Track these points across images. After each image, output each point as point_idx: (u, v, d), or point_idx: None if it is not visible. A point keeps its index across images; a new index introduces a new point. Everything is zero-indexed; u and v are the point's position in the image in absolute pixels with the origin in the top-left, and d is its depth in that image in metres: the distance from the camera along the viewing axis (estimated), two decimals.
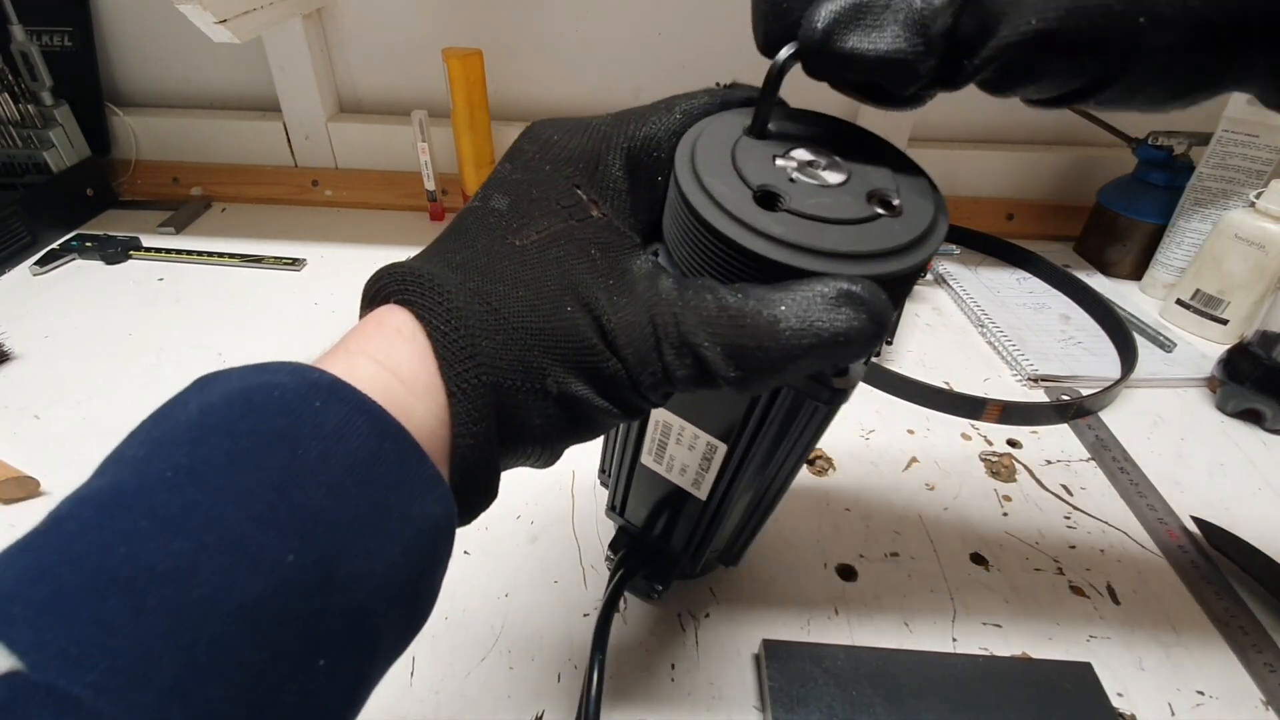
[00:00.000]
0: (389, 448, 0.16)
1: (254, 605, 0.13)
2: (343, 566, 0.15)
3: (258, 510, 0.14)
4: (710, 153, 0.20)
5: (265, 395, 0.16)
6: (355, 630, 0.15)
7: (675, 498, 0.32)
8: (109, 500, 0.14)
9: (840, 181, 0.20)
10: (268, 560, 0.14)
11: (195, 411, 0.16)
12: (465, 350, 0.18)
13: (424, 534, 0.17)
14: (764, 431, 0.25)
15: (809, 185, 0.19)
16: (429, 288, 0.18)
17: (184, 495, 0.14)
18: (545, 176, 0.21)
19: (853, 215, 0.19)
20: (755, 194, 0.19)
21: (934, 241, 0.20)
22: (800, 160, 0.20)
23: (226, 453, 0.15)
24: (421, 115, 0.70)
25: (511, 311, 0.19)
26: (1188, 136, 0.66)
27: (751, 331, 0.18)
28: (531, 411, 0.19)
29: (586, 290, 0.19)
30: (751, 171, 0.19)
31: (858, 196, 0.19)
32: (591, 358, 0.19)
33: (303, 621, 0.14)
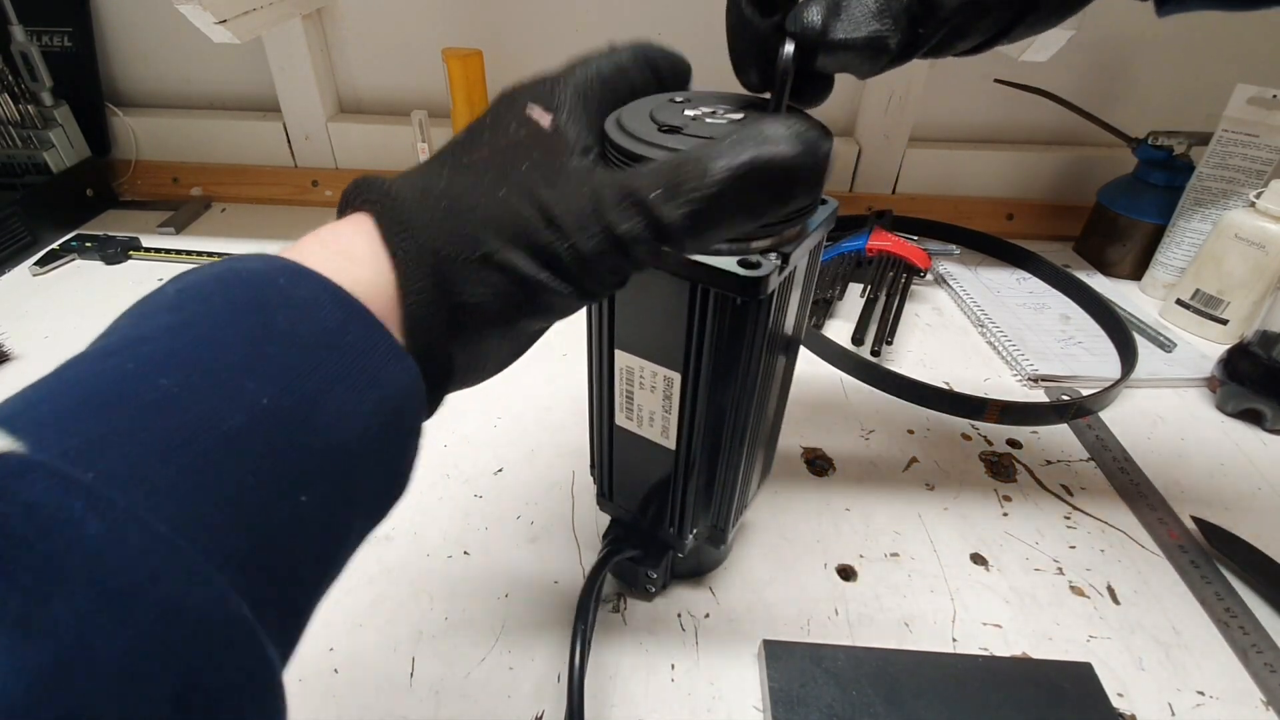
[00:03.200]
0: (353, 322, 0.18)
1: (236, 434, 0.14)
2: (318, 415, 0.16)
3: (234, 359, 0.15)
4: (633, 112, 0.25)
5: (235, 275, 0.17)
6: (333, 471, 0.16)
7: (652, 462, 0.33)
8: (97, 353, 0.15)
9: (733, 120, 0.24)
10: (246, 399, 0.15)
11: (171, 291, 0.17)
12: (403, 223, 0.19)
13: (392, 398, 0.18)
14: (703, 345, 0.27)
15: (705, 123, 0.24)
16: (374, 185, 0.20)
17: (164, 344, 0.15)
18: (504, 109, 0.23)
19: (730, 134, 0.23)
20: (660, 127, 0.24)
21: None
22: (703, 111, 0.25)
23: (204, 315, 0.16)
24: (421, 115, 0.70)
25: (449, 197, 0.20)
26: (1188, 136, 0.66)
27: (692, 169, 0.19)
28: (472, 280, 0.20)
29: (523, 180, 0.21)
30: (661, 117, 0.24)
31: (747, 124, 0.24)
32: (527, 230, 0.20)
33: (283, 454, 0.15)
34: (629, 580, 0.38)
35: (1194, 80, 0.76)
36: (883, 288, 0.63)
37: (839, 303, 0.65)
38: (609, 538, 0.37)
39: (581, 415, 0.50)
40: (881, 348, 0.57)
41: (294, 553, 0.16)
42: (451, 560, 0.40)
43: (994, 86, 0.72)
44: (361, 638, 0.36)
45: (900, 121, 0.76)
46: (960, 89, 0.78)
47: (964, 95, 0.78)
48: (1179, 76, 0.76)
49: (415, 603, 0.38)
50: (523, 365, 0.59)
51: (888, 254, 0.66)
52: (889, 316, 0.60)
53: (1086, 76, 0.76)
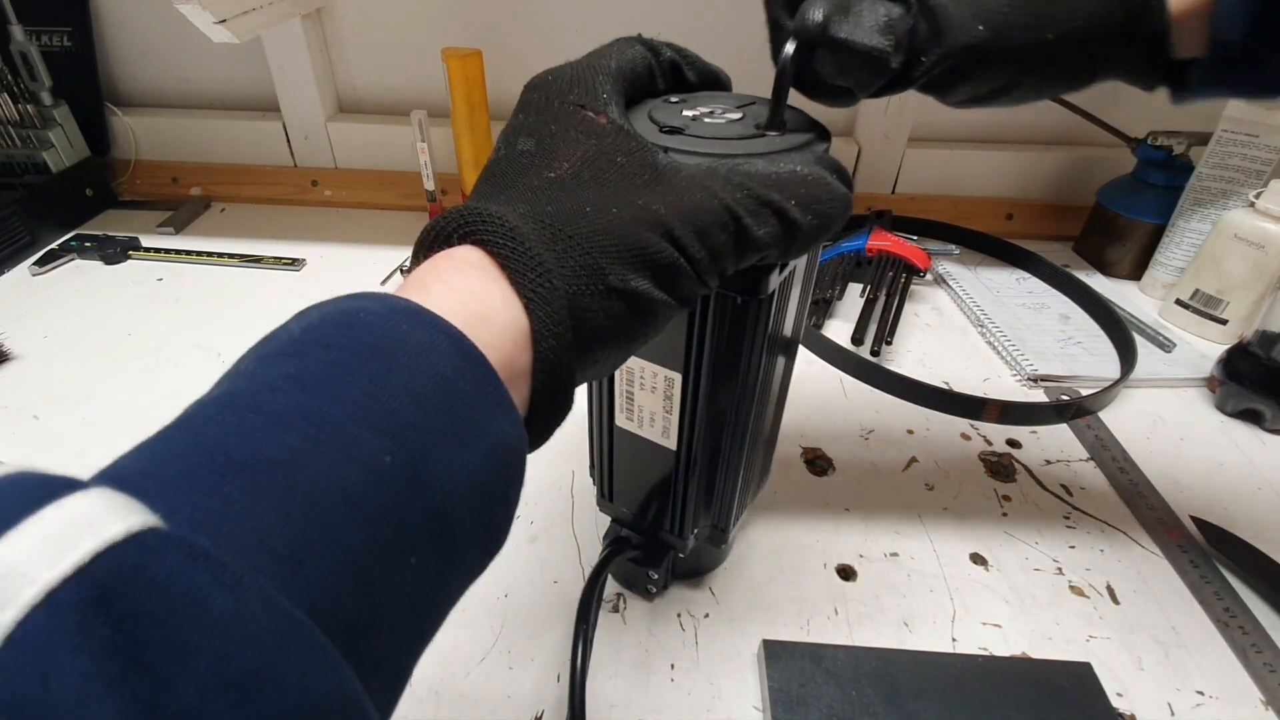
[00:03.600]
0: (467, 368, 0.17)
1: (356, 494, 0.14)
2: (428, 470, 0.16)
3: (356, 412, 0.15)
4: (632, 114, 0.26)
5: (357, 317, 0.17)
6: (439, 531, 0.16)
7: (652, 463, 0.33)
8: (224, 401, 0.15)
9: (732, 121, 0.25)
10: (367, 456, 0.15)
11: (296, 330, 0.17)
12: (532, 263, 0.19)
13: (499, 450, 0.18)
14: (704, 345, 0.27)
15: (705, 123, 0.25)
16: (487, 219, 0.20)
17: (290, 398, 0.15)
18: (555, 110, 0.23)
19: (737, 134, 0.24)
20: (661, 128, 0.24)
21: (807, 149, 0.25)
22: (701, 111, 0.26)
23: (326, 362, 0.16)
24: (421, 115, 0.70)
25: (565, 224, 0.20)
26: (1187, 136, 0.66)
27: (820, 187, 0.21)
28: (599, 312, 0.20)
29: (625, 193, 0.21)
30: (661, 118, 0.25)
31: (745, 125, 0.25)
32: (646, 250, 0.20)
33: (396, 516, 0.15)
34: (629, 581, 0.38)
35: None
36: (882, 288, 0.63)
37: (838, 303, 0.65)
38: (610, 539, 0.37)
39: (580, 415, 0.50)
40: (881, 348, 0.57)
41: (401, 616, 0.15)
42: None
43: None
44: None
45: (900, 121, 0.76)
46: None
47: None
48: None
49: None
50: None
51: (887, 254, 0.66)
52: (889, 316, 0.60)
53: None
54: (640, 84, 0.26)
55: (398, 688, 0.16)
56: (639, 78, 0.26)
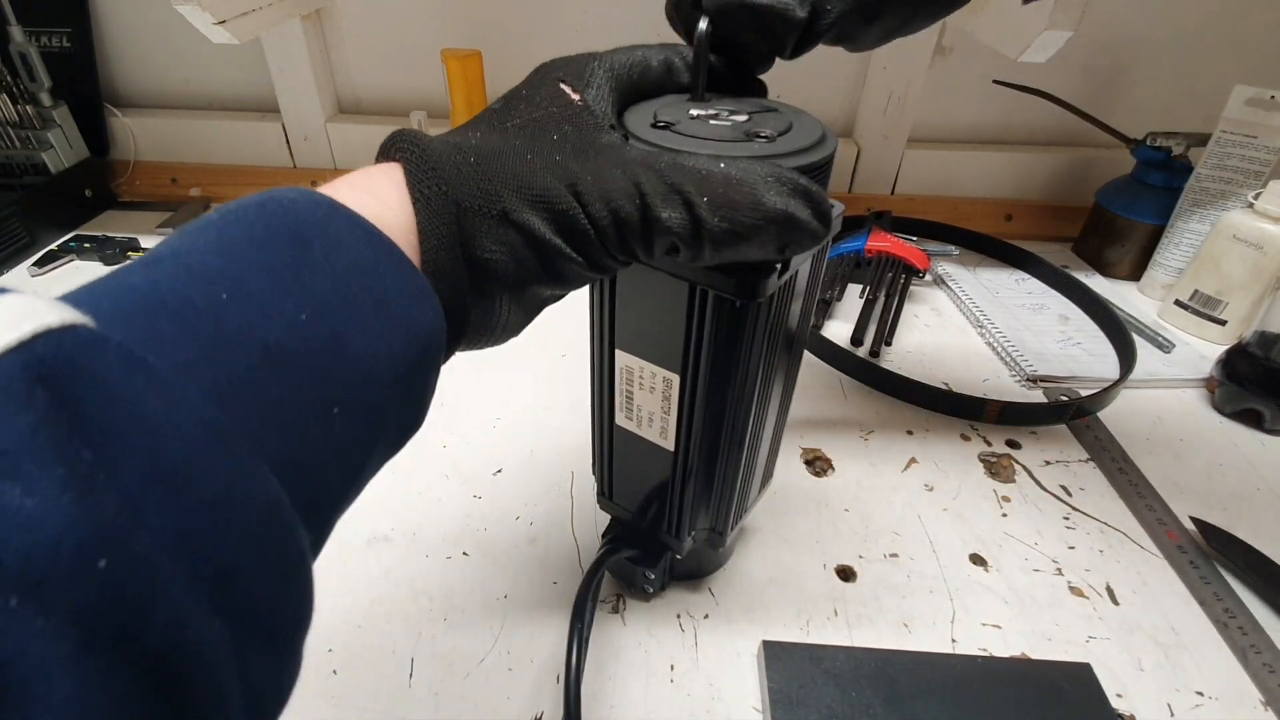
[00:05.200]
0: (384, 259, 0.18)
1: (276, 346, 0.15)
2: (350, 343, 0.17)
3: (274, 281, 0.16)
4: (642, 108, 0.26)
5: (276, 204, 0.18)
6: (361, 394, 0.17)
7: (651, 463, 0.33)
8: (149, 260, 0.16)
9: (731, 124, 0.25)
10: (286, 316, 0.16)
11: (215, 216, 0.18)
12: (429, 169, 0.20)
13: (419, 335, 0.19)
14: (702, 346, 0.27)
15: (701, 124, 0.25)
16: (410, 136, 0.21)
17: (211, 260, 0.16)
18: (537, 82, 0.24)
19: (723, 137, 0.24)
20: (653, 122, 0.25)
21: (826, 127, 0.26)
22: (707, 112, 0.25)
23: (246, 237, 0.17)
24: (420, 116, 0.70)
25: (480, 156, 0.21)
26: (1186, 137, 0.67)
27: (745, 194, 0.21)
28: (488, 235, 0.20)
29: (551, 151, 0.22)
30: (663, 114, 0.25)
31: (738, 129, 0.25)
32: (546, 194, 0.21)
33: (319, 373, 0.16)
34: (628, 581, 0.38)
35: (1192, 81, 0.76)
36: (882, 288, 0.63)
37: (838, 303, 0.65)
38: (608, 537, 0.37)
39: (581, 415, 0.50)
40: (880, 348, 0.57)
41: (324, 467, 0.16)
42: (450, 561, 0.40)
43: (992, 87, 0.72)
44: (360, 639, 0.36)
45: (899, 122, 0.76)
46: (959, 90, 0.78)
47: (962, 96, 0.78)
48: (1177, 77, 0.76)
49: (414, 603, 0.38)
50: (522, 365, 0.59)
51: (887, 255, 0.66)
52: (888, 317, 0.60)
53: (1085, 77, 0.76)
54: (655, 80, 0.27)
55: (321, 535, 0.17)
56: (653, 73, 0.26)
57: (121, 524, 0.11)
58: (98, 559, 0.11)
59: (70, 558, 0.10)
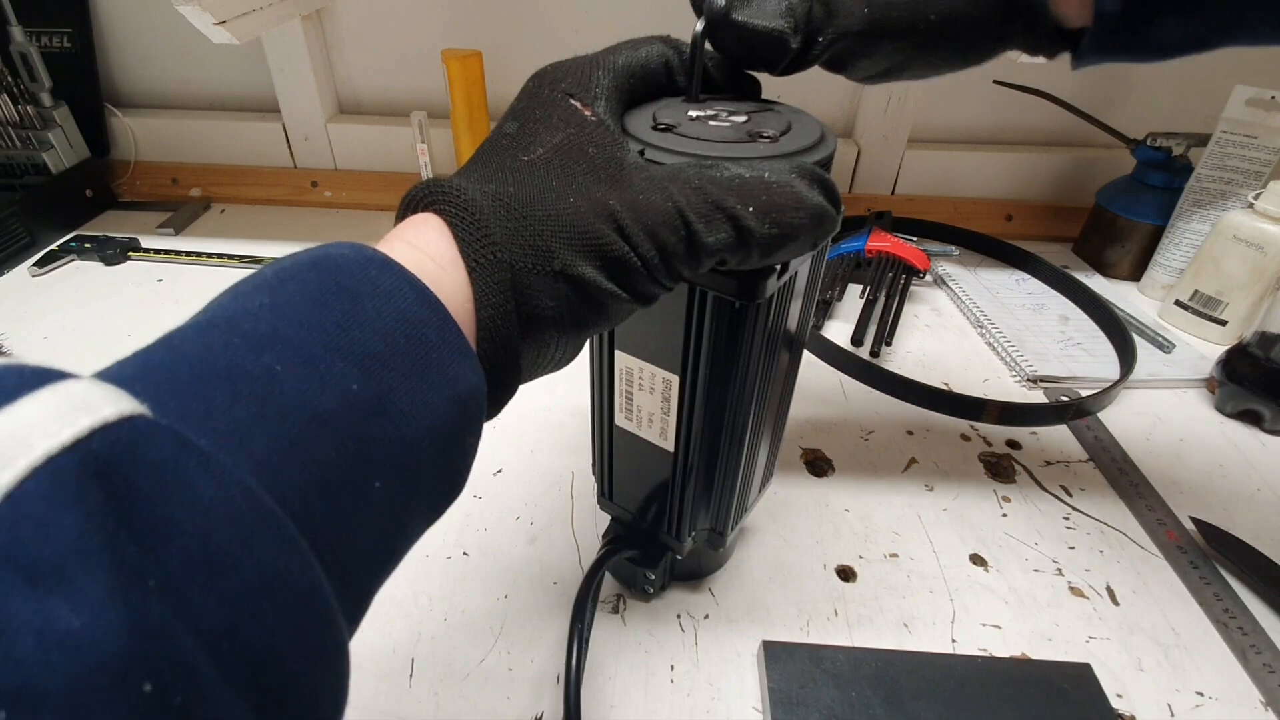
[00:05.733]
0: (430, 315, 0.18)
1: (327, 415, 0.15)
2: (393, 403, 0.17)
3: (327, 340, 0.16)
4: (641, 110, 0.26)
5: (328, 259, 0.18)
6: (402, 462, 0.17)
7: (650, 464, 0.33)
8: (204, 324, 0.16)
9: (732, 125, 0.25)
10: (336, 382, 0.16)
11: (270, 272, 0.18)
12: (480, 233, 0.20)
13: (460, 395, 0.18)
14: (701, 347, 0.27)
15: (701, 125, 0.25)
16: (450, 191, 0.21)
17: (266, 323, 0.16)
18: (544, 97, 0.24)
19: (727, 138, 0.24)
20: (653, 125, 0.25)
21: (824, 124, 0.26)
22: (706, 113, 0.26)
23: (300, 296, 0.17)
24: (421, 116, 0.70)
25: (520, 204, 0.21)
26: (1186, 137, 0.67)
27: (785, 194, 0.21)
28: (544, 292, 0.20)
29: (587, 184, 0.22)
30: (662, 116, 0.25)
31: (739, 129, 0.25)
32: (597, 240, 0.20)
33: (362, 441, 0.16)
34: (628, 581, 0.38)
35: (1192, 81, 0.76)
36: (882, 289, 0.63)
37: (838, 303, 0.65)
38: (608, 537, 0.37)
39: (581, 415, 0.50)
40: (881, 348, 0.57)
41: (364, 537, 0.16)
42: (451, 561, 0.40)
43: (993, 88, 0.72)
44: (360, 638, 0.36)
45: (899, 122, 0.76)
46: (959, 90, 0.78)
47: (963, 96, 0.78)
48: (1177, 78, 0.76)
49: (414, 603, 0.38)
50: None
51: (887, 255, 0.66)
52: (888, 317, 0.60)
53: (1085, 78, 0.76)
54: (654, 81, 0.26)
55: (360, 607, 0.17)
56: (652, 75, 0.26)
57: (166, 624, 0.11)
58: (143, 682, 0.10)
59: (118, 680, 0.10)
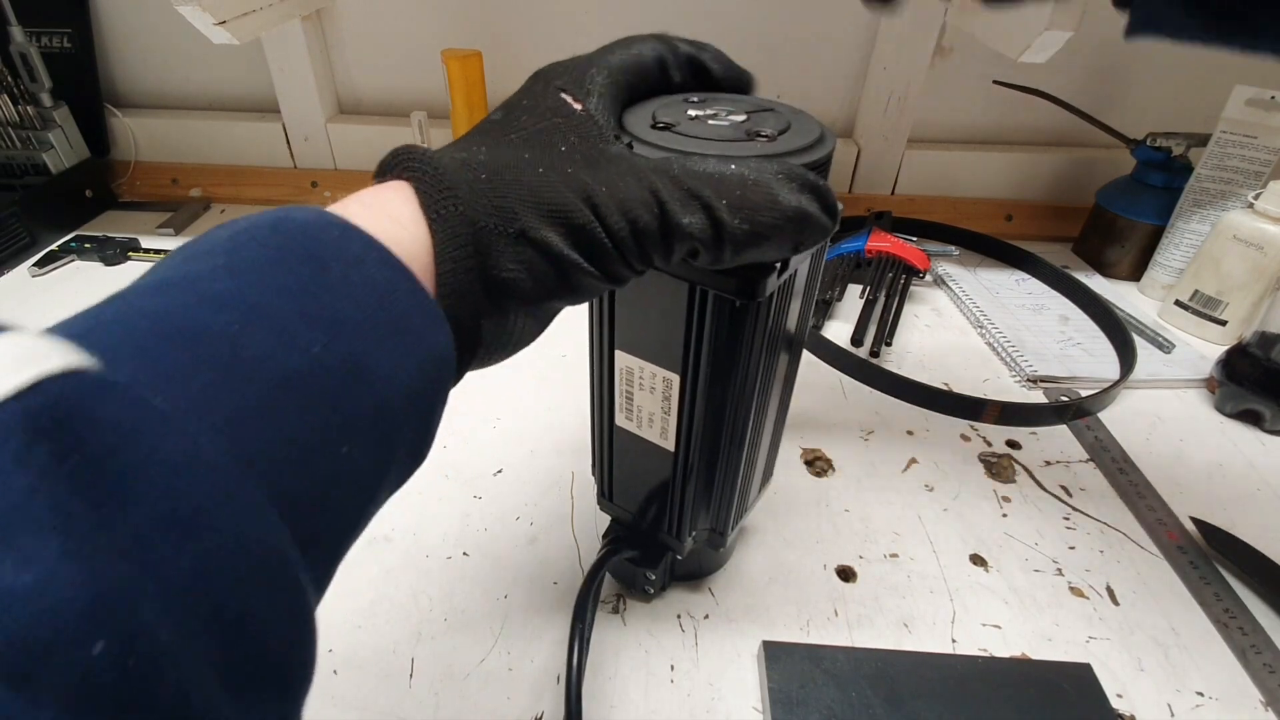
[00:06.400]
0: (398, 278, 0.18)
1: (294, 376, 0.15)
2: (369, 367, 0.16)
3: (290, 305, 0.16)
4: (640, 109, 0.26)
5: (288, 222, 0.17)
6: (377, 426, 0.17)
7: (651, 464, 0.33)
8: (157, 284, 0.15)
9: (731, 124, 0.25)
10: (301, 344, 0.15)
11: (224, 234, 0.17)
12: (442, 188, 0.20)
13: (433, 358, 0.18)
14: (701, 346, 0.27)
15: (700, 124, 0.25)
16: (416, 152, 0.21)
17: (225, 283, 0.15)
18: (537, 90, 0.24)
19: (724, 137, 0.24)
20: (652, 123, 0.25)
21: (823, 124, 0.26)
22: (705, 113, 0.26)
23: (261, 259, 0.16)
24: (421, 116, 0.70)
25: (489, 169, 0.20)
26: (1186, 137, 0.67)
27: (761, 194, 0.21)
28: (505, 253, 0.20)
29: (561, 162, 0.21)
30: (662, 114, 0.25)
31: (737, 128, 0.25)
32: (563, 208, 0.20)
33: (334, 405, 0.15)
34: (628, 581, 0.38)
35: (1192, 81, 0.76)
36: (882, 289, 0.63)
37: (838, 304, 0.65)
38: (608, 538, 0.37)
39: (581, 415, 0.50)
40: (881, 348, 0.57)
41: (333, 501, 0.16)
42: (451, 561, 0.40)
43: (993, 88, 0.72)
44: (361, 639, 0.36)
45: (899, 122, 0.76)
46: (959, 90, 0.78)
47: (963, 96, 0.78)
48: (1177, 78, 0.76)
49: (415, 604, 0.38)
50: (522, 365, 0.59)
51: (887, 255, 0.66)
52: (888, 317, 0.60)
53: (1085, 78, 0.76)
54: (650, 79, 0.27)
55: (327, 571, 0.17)
56: (648, 73, 0.26)
57: (125, 590, 0.11)
58: (94, 641, 0.10)
59: (65, 641, 0.10)
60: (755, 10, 0.72)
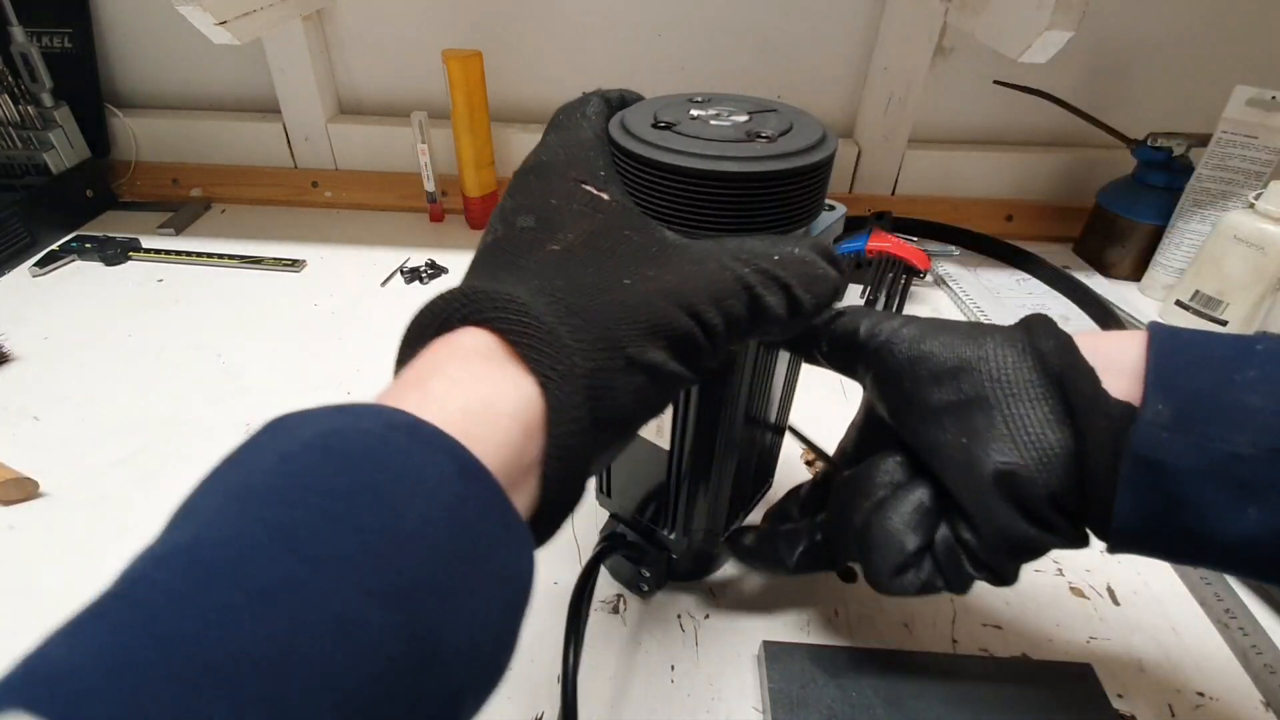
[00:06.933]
0: (473, 492, 0.15)
1: (354, 692, 0.12)
2: (446, 639, 0.14)
3: (359, 581, 0.13)
4: (642, 107, 0.26)
5: (349, 442, 0.15)
6: (444, 708, 0.14)
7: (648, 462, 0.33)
8: (194, 565, 0.12)
9: (732, 124, 0.25)
10: (370, 639, 0.12)
11: (275, 460, 0.14)
12: (548, 340, 0.17)
13: (518, 591, 0.16)
14: None
15: (702, 124, 0.25)
16: (495, 297, 0.18)
17: (280, 566, 0.12)
18: (555, 188, 0.22)
19: (726, 137, 0.24)
20: (653, 123, 0.25)
21: (823, 124, 0.26)
22: (707, 112, 0.26)
23: (321, 513, 0.13)
24: (421, 116, 0.70)
25: (578, 297, 0.19)
26: (1187, 138, 0.66)
27: (813, 268, 0.22)
28: (620, 388, 0.18)
29: (637, 266, 0.21)
30: (664, 114, 0.25)
31: (739, 129, 0.25)
32: (663, 320, 0.19)
33: (401, 706, 0.13)
34: (627, 581, 0.38)
35: (1193, 82, 0.76)
36: (882, 289, 0.63)
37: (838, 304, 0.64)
38: (605, 534, 0.37)
39: None
40: None
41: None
42: None
43: (993, 88, 0.72)
44: None
45: (900, 122, 0.76)
46: (960, 90, 0.78)
47: (963, 96, 0.78)
48: (1178, 78, 0.76)
49: None
50: None
51: (887, 255, 0.66)
52: None
53: (1086, 78, 0.76)
54: None
55: None
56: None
57: None
58: None
59: None
60: (755, 10, 0.72)
